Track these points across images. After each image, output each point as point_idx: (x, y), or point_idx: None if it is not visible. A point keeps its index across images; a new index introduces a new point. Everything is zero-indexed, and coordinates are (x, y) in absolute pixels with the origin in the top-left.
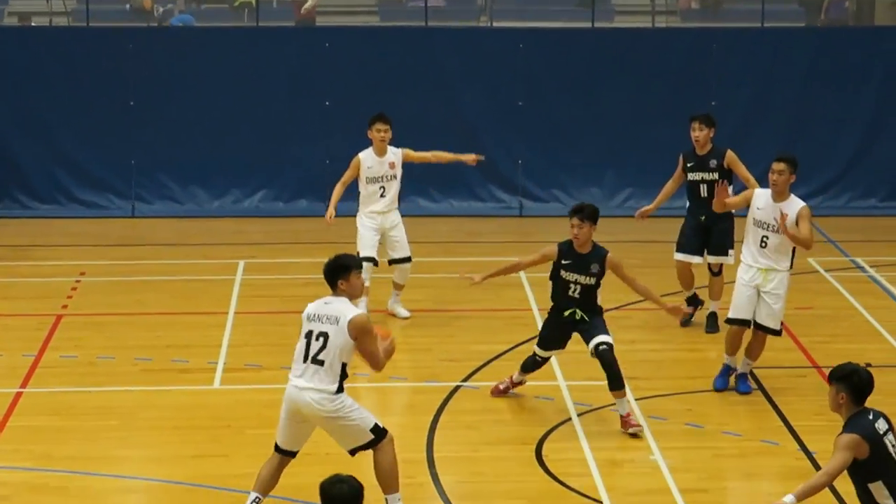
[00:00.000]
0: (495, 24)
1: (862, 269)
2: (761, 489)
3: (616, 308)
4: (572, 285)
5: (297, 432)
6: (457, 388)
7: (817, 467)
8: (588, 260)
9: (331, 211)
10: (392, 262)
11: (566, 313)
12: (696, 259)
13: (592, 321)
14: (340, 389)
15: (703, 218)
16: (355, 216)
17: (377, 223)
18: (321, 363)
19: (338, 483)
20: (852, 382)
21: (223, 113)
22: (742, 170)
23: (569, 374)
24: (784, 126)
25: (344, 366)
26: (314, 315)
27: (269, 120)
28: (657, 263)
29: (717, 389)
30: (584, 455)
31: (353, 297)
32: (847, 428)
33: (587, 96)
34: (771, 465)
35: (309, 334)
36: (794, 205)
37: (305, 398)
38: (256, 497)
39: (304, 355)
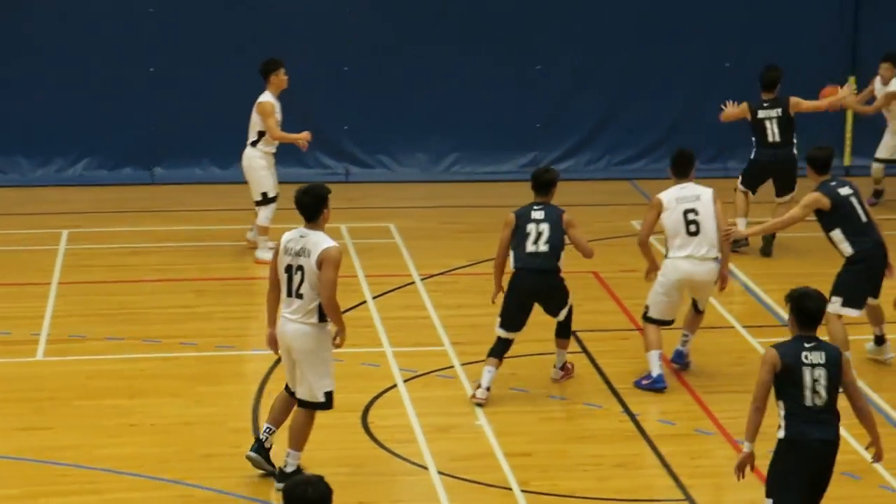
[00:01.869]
0: None
1: None
2: (586, 451)
3: (442, 273)
4: None
5: (292, 370)
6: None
7: (640, 429)
8: None
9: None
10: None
11: None
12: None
13: None
14: (323, 319)
15: None
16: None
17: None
18: (301, 296)
19: (302, 485)
20: None
21: (44, 80)
22: None
23: (395, 340)
24: (611, 88)
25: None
26: (291, 249)
27: (92, 87)
28: (484, 228)
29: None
30: (409, 421)
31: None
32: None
33: (414, 60)
34: (595, 427)
35: (289, 268)
36: None
37: (290, 329)
38: (269, 427)
39: (287, 290)
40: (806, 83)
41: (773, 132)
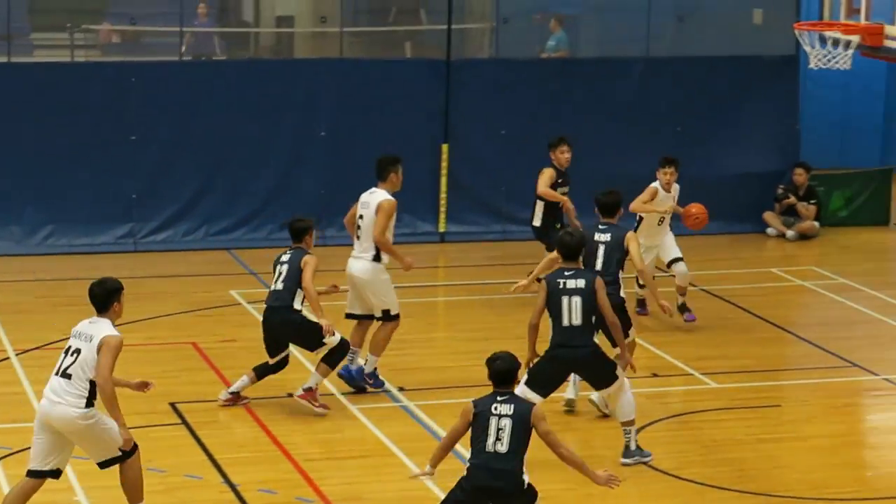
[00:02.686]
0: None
1: None
2: None
3: (37, 348)
4: None
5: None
6: None
7: (241, 499)
8: None
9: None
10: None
11: None
12: None
13: None
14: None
15: None
16: None
17: None
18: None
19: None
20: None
21: None
22: None
23: None
24: (206, 159)
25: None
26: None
27: None
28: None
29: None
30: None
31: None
32: None
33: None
34: (195, 499)
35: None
36: None
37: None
38: None
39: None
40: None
41: None
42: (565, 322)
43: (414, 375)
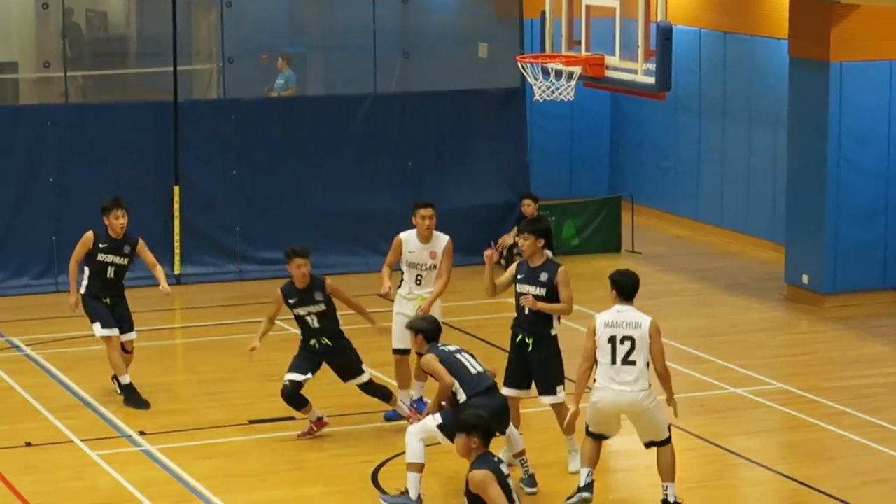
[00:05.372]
0: None
1: (18, 348)
2: None
3: None
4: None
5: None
6: None
7: None
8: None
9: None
10: None
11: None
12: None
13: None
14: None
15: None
16: None
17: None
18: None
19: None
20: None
21: None
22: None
23: None
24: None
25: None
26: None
27: None
28: None
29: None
30: None
31: None
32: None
33: None
34: None
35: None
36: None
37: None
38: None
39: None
40: None
41: None
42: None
43: (154, 419)
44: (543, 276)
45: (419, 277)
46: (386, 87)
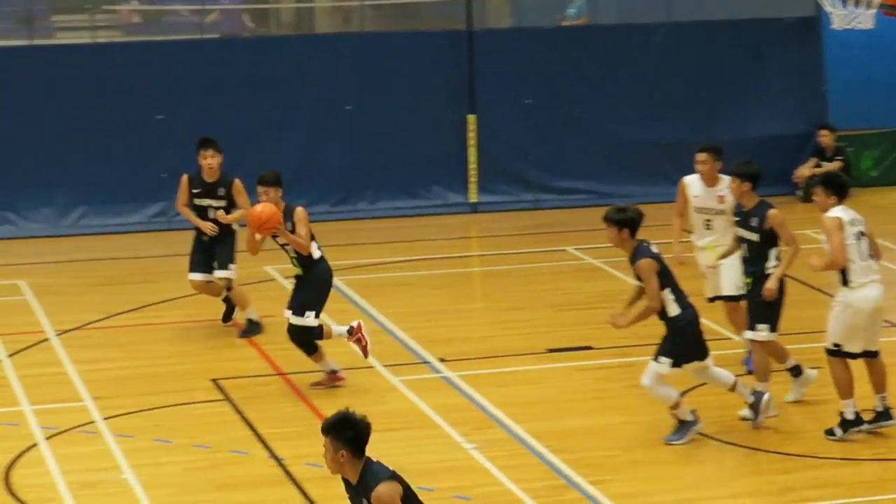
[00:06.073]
0: None
1: None
2: (234, 499)
3: (77, 328)
4: None
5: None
6: None
7: (288, 473)
8: None
9: None
10: None
11: None
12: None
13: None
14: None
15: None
16: None
17: None
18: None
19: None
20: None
21: None
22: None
23: (34, 398)
24: (231, 135)
25: None
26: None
27: None
28: (116, 280)
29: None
30: (53, 479)
31: None
32: None
33: (21, 116)
34: (242, 474)
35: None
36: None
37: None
38: None
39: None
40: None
41: None
42: None
43: (453, 346)
44: (754, 221)
45: (708, 222)
46: (679, 16)
